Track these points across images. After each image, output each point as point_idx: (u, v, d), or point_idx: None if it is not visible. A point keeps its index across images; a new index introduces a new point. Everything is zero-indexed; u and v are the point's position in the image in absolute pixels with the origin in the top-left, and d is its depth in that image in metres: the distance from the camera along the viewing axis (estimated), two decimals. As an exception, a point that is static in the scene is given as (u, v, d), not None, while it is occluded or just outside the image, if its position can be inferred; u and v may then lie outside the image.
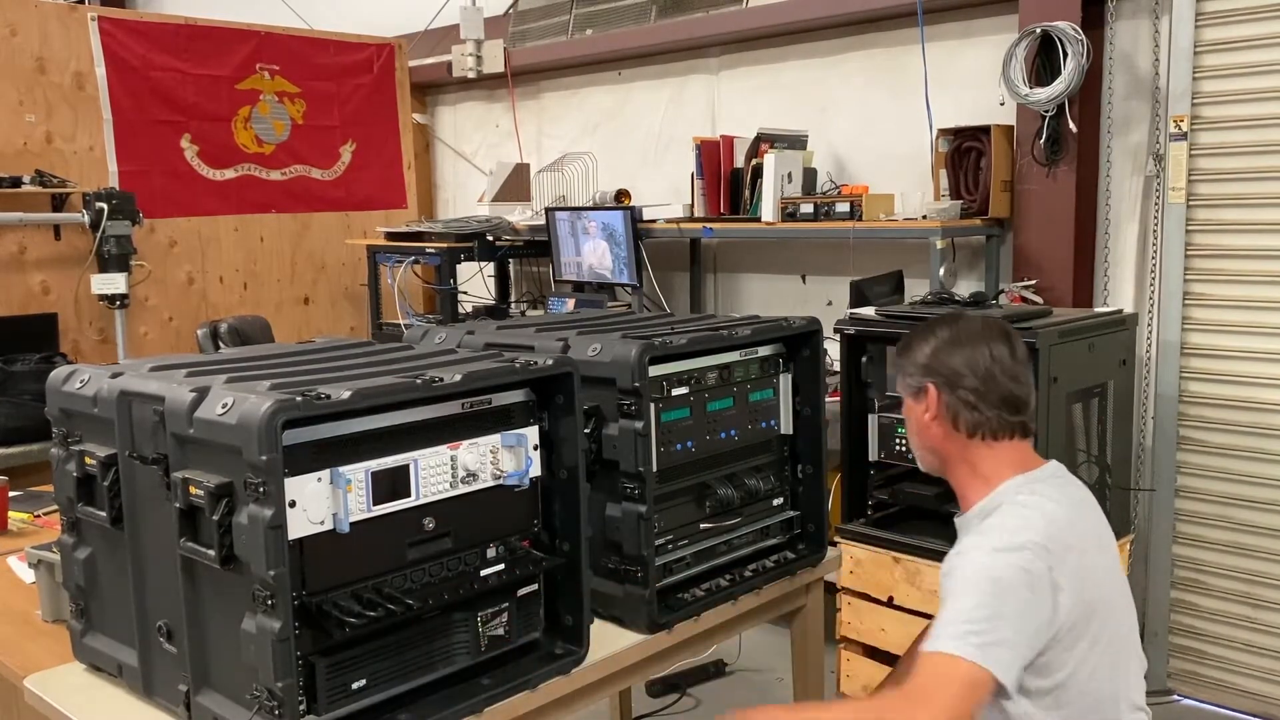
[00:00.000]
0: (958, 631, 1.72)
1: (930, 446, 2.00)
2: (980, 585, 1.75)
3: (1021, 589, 1.74)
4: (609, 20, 5.36)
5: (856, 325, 3.25)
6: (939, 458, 2.00)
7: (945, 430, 1.96)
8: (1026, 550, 1.76)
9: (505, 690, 1.78)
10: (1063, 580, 1.77)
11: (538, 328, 2.24)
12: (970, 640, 1.70)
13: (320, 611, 1.54)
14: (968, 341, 1.97)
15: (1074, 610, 1.78)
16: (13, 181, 4.77)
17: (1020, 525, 1.81)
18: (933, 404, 1.96)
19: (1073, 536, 1.83)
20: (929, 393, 1.96)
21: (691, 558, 2.21)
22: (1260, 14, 3.42)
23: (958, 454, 1.96)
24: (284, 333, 5.49)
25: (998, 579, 1.75)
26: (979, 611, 1.73)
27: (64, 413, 1.79)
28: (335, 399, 1.50)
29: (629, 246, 4.79)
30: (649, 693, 3.75)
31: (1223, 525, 3.61)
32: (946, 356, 1.97)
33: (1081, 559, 1.81)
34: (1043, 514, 1.83)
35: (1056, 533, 1.80)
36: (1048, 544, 1.78)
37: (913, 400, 2.01)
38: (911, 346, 2.02)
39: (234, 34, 5.64)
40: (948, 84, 4.22)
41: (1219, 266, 3.59)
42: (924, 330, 2.03)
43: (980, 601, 1.73)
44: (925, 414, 1.97)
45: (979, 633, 1.71)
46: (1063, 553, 1.78)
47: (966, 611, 1.73)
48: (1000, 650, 1.70)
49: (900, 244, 4.24)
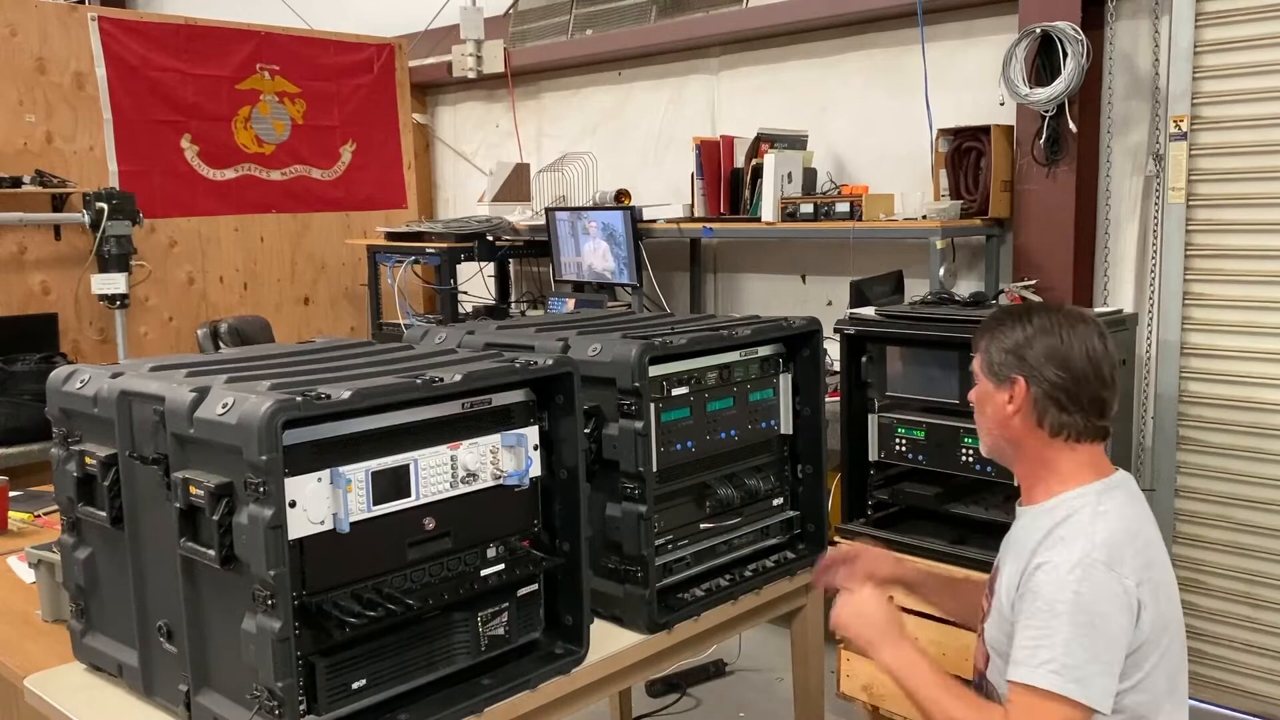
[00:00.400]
0: (1056, 667, 1.68)
1: (1007, 437, 1.91)
2: (1076, 618, 1.69)
3: (1115, 614, 1.70)
4: (609, 20, 5.37)
5: (856, 325, 3.25)
6: (1013, 448, 1.92)
7: (1027, 425, 1.88)
8: (1116, 570, 1.71)
9: (505, 690, 1.78)
10: (1146, 597, 1.73)
11: (538, 328, 2.24)
12: (1072, 676, 1.68)
13: (320, 611, 1.54)
14: (1066, 337, 1.88)
15: (1152, 626, 1.74)
16: (13, 181, 4.77)
17: (1107, 539, 1.75)
18: (1020, 398, 1.87)
19: (1152, 552, 1.79)
20: (1017, 385, 1.87)
21: (691, 558, 2.21)
22: (1260, 14, 3.42)
23: (1034, 449, 1.89)
24: (284, 333, 5.49)
25: (1092, 608, 1.70)
26: (1077, 645, 1.69)
27: (64, 413, 1.79)
28: (335, 399, 1.50)
29: (629, 246, 4.79)
30: (649, 693, 3.75)
31: (1222, 525, 3.61)
32: (1043, 351, 1.87)
33: (1160, 574, 1.78)
34: (1126, 529, 1.78)
35: (1141, 547, 1.77)
36: (1134, 559, 1.74)
37: (994, 386, 1.91)
38: (1003, 331, 1.92)
39: (234, 34, 5.64)
40: (948, 84, 4.23)
41: (1219, 266, 3.59)
42: (1018, 315, 1.92)
43: (1076, 635, 1.69)
44: (1008, 405, 1.89)
45: (1079, 667, 1.68)
46: (1146, 568, 1.75)
47: (1063, 644, 1.69)
48: (1098, 680, 1.69)
49: (900, 244, 4.24)
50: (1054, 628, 1.70)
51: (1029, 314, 1.93)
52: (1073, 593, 1.71)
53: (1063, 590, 1.71)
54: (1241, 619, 3.58)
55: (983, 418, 1.95)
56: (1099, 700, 1.69)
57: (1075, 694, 1.67)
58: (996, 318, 1.97)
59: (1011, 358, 1.89)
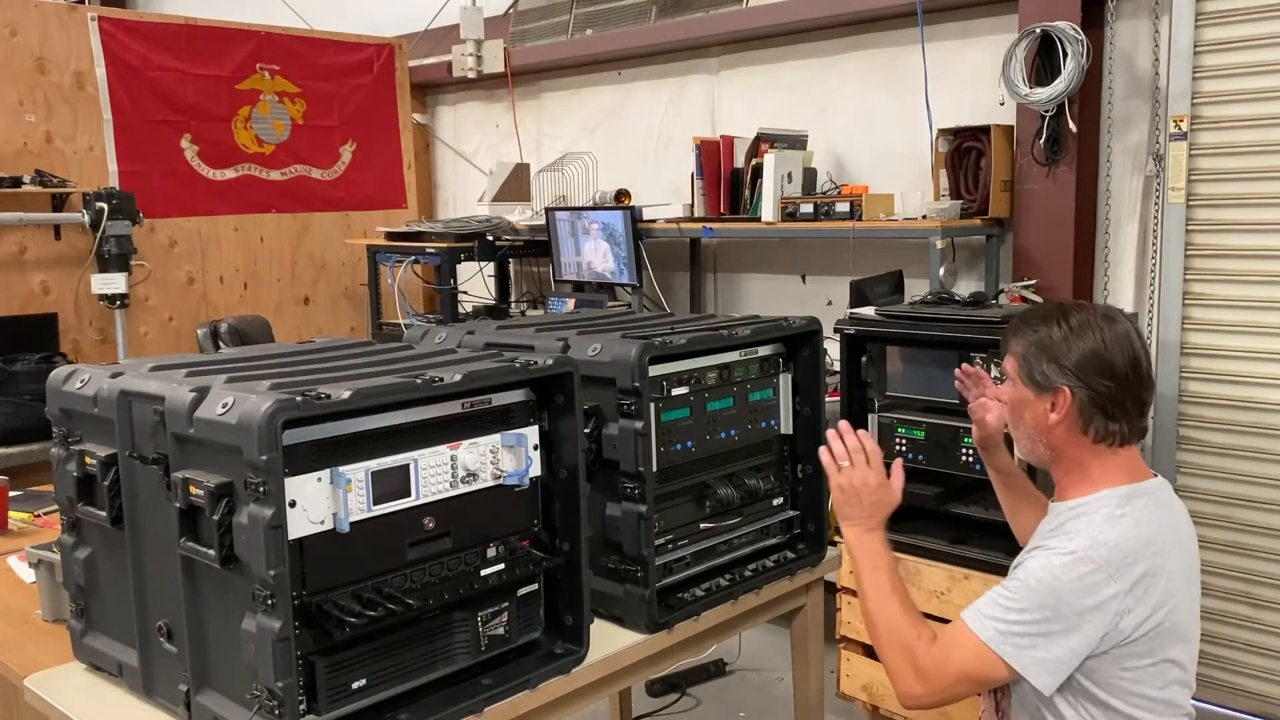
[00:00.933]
0: (1002, 628, 1.74)
1: (1048, 443, 1.89)
2: (1043, 595, 1.73)
3: (1087, 610, 1.72)
4: (609, 20, 5.37)
5: (856, 325, 3.25)
6: (1052, 453, 1.90)
7: (1072, 435, 1.86)
8: (1104, 571, 1.72)
9: (505, 690, 1.77)
10: (1136, 605, 1.73)
11: (538, 328, 2.24)
12: (1010, 640, 1.73)
13: (320, 611, 1.54)
14: (1109, 341, 1.85)
15: (1138, 633, 1.74)
16: (13, 181, 4.77)
17: (1110, 540, 1.75)
18: (1064, 407, 1.84)
19: (1161, 563, 1.77)
20: (1061, 395, 1.84)
21: (691, 558, 2.21)
22: (1260, 14, 3.42)
23: (1074, 454, 1.87)
24: (284, 333, 5.49)
25: (1061, 595, 1.72)
26: (1029, 615, 1.73)
27: (64, 412, 1.79)
28: (335, 399, 1.50)
29: (629, 246, 4.79)
30: (649, 692, 3.76)
31: (1223, 525, 3.61)
32: (1089, 358, 1.84)
33: (1165, 585, 1.76)
34: (1136, 535, 1.77)
35: (1148, 556, 1.76)
36: (1130, 566, 1.74)
37: (1034, 393, 1.87)
38: (1041, 336, 1.88)
39: (234, 34, 5.64)
40: (948, 84, 4.23)
41: (1219, 266, 3.59)
42: (1055, 318, 1.88)
43: (1037, 607, 1.73)
44: (1051, 414, 1.86)
45: (1021, 635, 1.73)
46: (1143, 578, 1.74)
47: (1018, 611, 1.74)
48: (1036, 654, 1.73)
49: (900, 244, 4.24)
50: (1019, 596, 1.75)
51: (1065, 317, 1.88)
52: (1052, 575, 1.74)
53: (1045, 571, 1.75)
54: (1241, 619, 3.58)
55: (1021, 424, 1.93)
56: (1032, 671, 1.74)
57: (1006, 654, 1.74)
58: (1030, 321, 1.92)
59: (1053, 366, 1.85)
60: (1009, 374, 1.93)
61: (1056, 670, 1.74)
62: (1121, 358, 1.84)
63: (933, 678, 1.79)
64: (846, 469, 2.00)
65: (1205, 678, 3.67)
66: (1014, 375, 1.91)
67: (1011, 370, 1.92)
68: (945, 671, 1.78)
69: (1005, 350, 1.95)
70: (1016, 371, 1.91)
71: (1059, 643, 1.73)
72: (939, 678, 1.79)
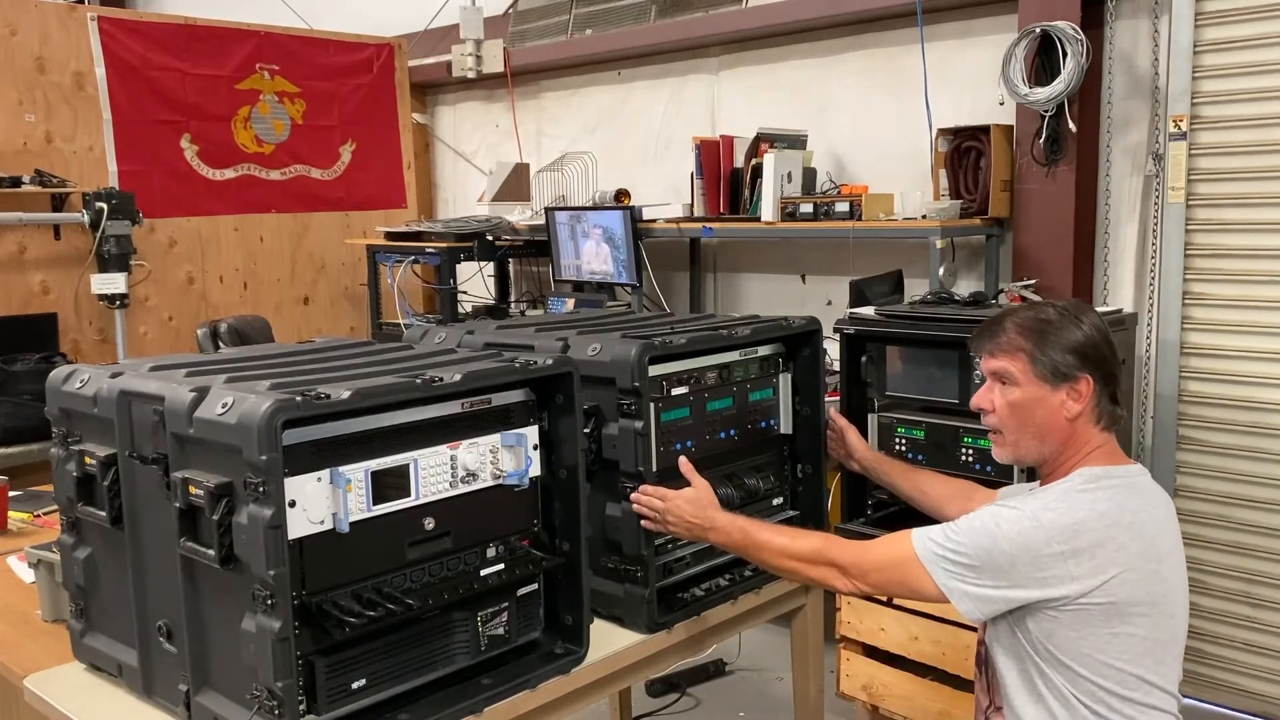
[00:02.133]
0: (939, 551, 1.83)
1: (1048, 436, 1.90)
2: (981, 538, 1.80)
3: (1023, 563, 1.77)
4: (609, 20, 5.37)
5: (856, 325, 3.24)
6: (1050, 447, 1.92)
7: (1082, 423, 1.89)
8: (1045, 530, 1.77)
9: (505, 690, 1.78)
10: (1076, 570, 1.76)
11: (538, 328, 2.24)
12: (941, 565, 1.82)
13: (320, 611, 1.54)
14: (1102, 327, 1.91)
15: (1086, 600, 1.78)
16: (13, 181, 4.77)
17: (1060, 508, 1.80)
18: (1085, 396, 1.87)
19: (1113, 536, 1.79)
20: (1084, 384, 1.87)
21: (691, 557, 2.21)
22: (1260, 14, 3.42)
23: (1071, 444, 1.90)
24: (284, 333, 5.49)
25: (998, 541, 1.79)
26: (965, 553, 1.81)
27: (64, 412, 1.79)
28: (335, 399, 1.50)
29: (629, 246, 4.79)
30: (649, 692, 3.76)
31: (1223, 525, 3.61)
32: (1104, 346, 1.89)
33: (1115, 560, 1.78)
34: (1091, 509, 1.80)
35: (1098, 528, 1.78)
36: (1076, 534, 1.77)
37: (1049, 389, 1.88)
38: (1055, 330, 1.90)
39: (234, 34, 5.64)
40: (947, 84, 4.23)
41: (1219, 266, 3.59)
42: (1061, 313, 1.92)
43: (973, 550, 1.80)
44: (1073, 404, 1.88)
45: (953, 564, 1.81)
46: (1090, 547, 1.77)
47: (955, 544, 1.82)
48: (961, 585, 1.81)
49: (900, 244, 4.24)
50: (961, 534, 1.83)
51: (1058, 311, 1.94)
52: (996, 524, 1.81)
53: (991, 519, 1.83)
54: (1241, 619, 3.58)
55: (1029, 423, 1.92)
56: (956, 595, 1.82)
57: (937, 577, 1.83)
58: (1024, 320, 1.93)
59: (1073, 356, 1.88)
60: (1014, 375, 1.91)
61: (982, 604, 1.82)
62: (1111, 342, 1.92)
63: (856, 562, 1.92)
64: (667, 521, 2.03)
65: (1205, 678, 3.68)
66: (1022, 374, 1.91)
67: (1020, 370, 1.91)
68: (869, 575, 1.92)
69: (998, 353, 1.94)
70: (1027, 370, 1.90)
71: (986, 585, 1.80)
72: (862, 579, 1.92)
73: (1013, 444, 1.96)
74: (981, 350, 1.99)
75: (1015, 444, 1.95)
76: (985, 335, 1.98)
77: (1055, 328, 1.90)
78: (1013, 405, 1.92)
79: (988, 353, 1.97)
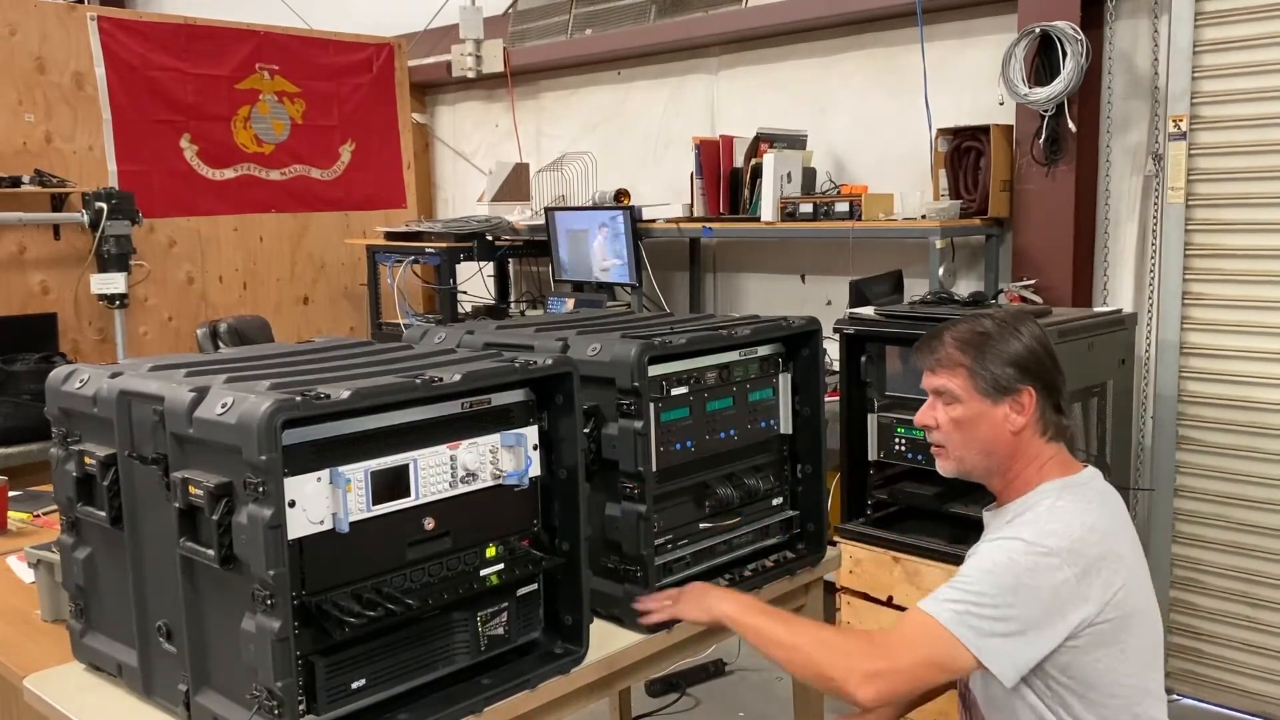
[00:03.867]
0: (959, 609, 1.70)
1: (994, 450, 1.87)
2: (1000, 577, 1.71)
3: (1043, 592, 1.70)
4: (608, 20, 5.37)
5: (856, 325, 3.25)
6: (996, 460, 1.89)
7: (1027, 435, 1.86)
8: (1056, 556, 1.72)
9: (505, 690, 1.77)
10: (1090, 591, 1.72)
11: (537, 328, 2.24)
12: (968, 621, 1.69)
13: (320, 611, 1.54)
14: (1041, 337, 1.88)
15: (1100, 619, 1.74)
16: (12, 181, 4.77)
17: (1058, 529, 1.75)
18: (1029, 409, 1.85)
19: (1110, 546, 1.78)
20: (1026, 396, 1.85)
21: (691, 558, 2.21)
22: (1259, 14, 3.42)
23: (1019, 457, 1.87)
24: (284, 333, 5.48)
25: (1019, 577, 1.71)
26: (988, 599, 1.70)
27: (63, 412, 1.79)
28: (335, 399, 1.50)
29: (628, 246, 4.79)
30: (649, 692, 3.76)
31: (1222, 525, 3.61)
32: (1044, 357, 1.87)
33: (1118, 570, 1.76)
34: (1081, 522, 1.77)
35: (1095, 541, 1.76)
36: (1081, 552, 1.73)
37: (990, 403, 1.86)
38: (993, 344, 1.87)
39: (233, 34, 5.64)
40: (947, 84, 4.23)
41: (1218, 266, 3.59)
42: (991, 325, 1.89)
43: (995, 591, 1.70)
44: (1016, 417, 1.85)
45: (980, 618, 1.69)
46: (1095, 563, 1.73)
47: (975, 594, 1.71)
48: (996, 641, 1.69)
49: (899, 244, 4.24)
50: (975, 579, 1.73)
51: (996, 322, 1.90)
52: (1008, 558, 1.73)
53: (999, 554, 1.75)
54: (1241, 619, 3.59)
55: (973, 439, 1.89)
56: (990, 657, 1.69)
57: (965, 637, 1.68)
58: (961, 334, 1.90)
59: (1013, 369, 1.85)
60: (954, 392, 1.89)
61: (1017, 661, 1.71)
62: (1051, 351, 1.89)
63: (885, 667, 1.70)
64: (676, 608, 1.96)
65: (1205, 678, 3.68)
66: (963, 390, 1.88)
67: (960, 386, 1.88)
68: (899, 657, 1.71)
69: (938, 369, 1.91)
70: (968, 386, 1.87)
71: (1015, 632, 1.70)
72: (892, 662, 1.70)
73: (957, 459, 1.93)
74: (921, 366, 1.97)
75: (960, 459, 1.93)
76: (925, 351, 1.95)
77: (993, 340, 1.87)
78: (956, 421, 1.90)
79: (928, 369, 1.94)
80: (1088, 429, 3.24)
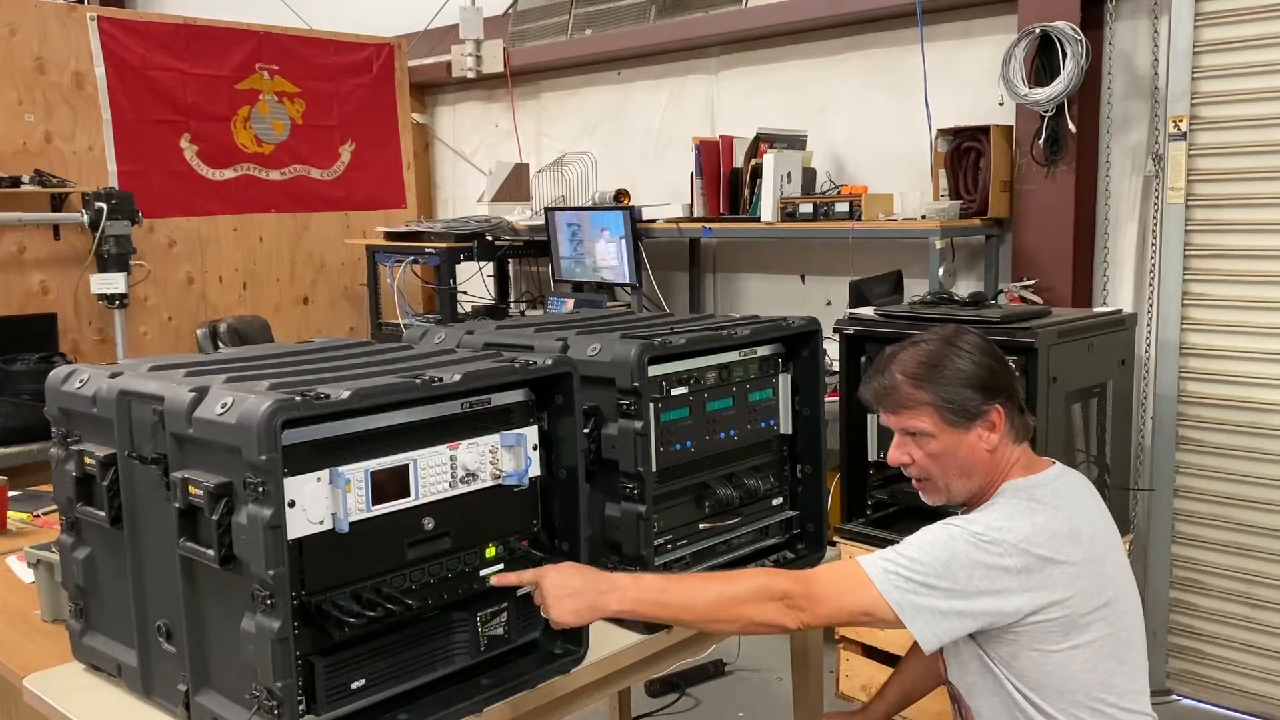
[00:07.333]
0: (890, 568, 1.77)
1: (974, 470, 1.89)
2: (937, 551, 1.77)
3: (976, 571, 1.74)
4: (608, 20, 5.37)
5: (856, 325, 3.25)
6: (977, 479, 1.90)
7: (1002, 448, 1.87)
8: (999, 546, 1.75)
9: (505, 690, 1.77)
10: (1030, 585, 1.75)
11: (537, 328, 2.23)
12: (894, 581, 1.76)
13: (320, 611, 1.54)
14: (987, 346, 1.89)
15: (1042, 617, 1.76)
16: (12, 181, 4.77)
17: (1006, 525, 1.78)
18: (999, 424, 1.86)
19: (1059, 550, 1.78)
20: (996, 414, 1.86)
21: (691, 558, 2.21)
22: (1259, 14, 3.43)
23: (996, 470, 1.89)
24: (283, 333, 5.49)
25: (955, 554, 1.75)
26: (919, 565, 1.76)
27: (63, 412, 1.79)
28: (335, 399, 1.50)
29: (628, 247, 4.79)
30: (649, 693, 3.76)
31: (1221, 525, 3.61)
32: (997, 367, 1.87)
33: (1065, 574, 1.77)
34: (1031, 523, 1.79)
35: (1043, 543, 1.77)
36: (1026, 550, 1.75)
37: (962, 431, 1.86)
38: (948, 373, 1.86)
39: (233, 34, 5.64)
40: (947, 84, 4.23)
41: (1218, 266, 3.59)
42: (943, 350, 1.89)
43: (928, 560, 1.76)
44: (990, 436, 1.86)
45: (907, 580, 1.76)
46: (1039, 563, 1.75)
47: (909, 560, 1.77)
48: (917, 603, 1.75)
49: (899, 244, 4.24)
50: (914, 545, 1.80)
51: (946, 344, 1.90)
52: (949, 537, 1.78)
53: (943, 533, 1.79)
54: (1241, 619, 3.59)
55: (953, 467, 1.90)
56: (910, 617, 1.75)
57: (891, 596, 1.75)
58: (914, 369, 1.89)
59: (974, 391, 1.86)
60: (925, 429, 1.89)
61: (935, 623, 1.75)
62: (1000, 357, 1.92)
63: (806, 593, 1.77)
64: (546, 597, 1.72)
65: (1204, 678, 3.68)
66: (933, 426, 1.88)
67: (929, 424, 1.89)
68: (822, 602, 1.78)
69: (900, 411, 1.91)
70: (936, 420, 1.88)
71: (941, 600, 1.74)
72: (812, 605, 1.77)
73: (944, 489, 1.94)
74: (877, 408, 1.97)
75: (946, 488, 1.94)
76: (879, 395, 1.94)
77: (944, 365, 1.87)
78: (933, 456, 1.91)
79: (887, 411, 1.94)
80: (1088, 429, 3.24)
